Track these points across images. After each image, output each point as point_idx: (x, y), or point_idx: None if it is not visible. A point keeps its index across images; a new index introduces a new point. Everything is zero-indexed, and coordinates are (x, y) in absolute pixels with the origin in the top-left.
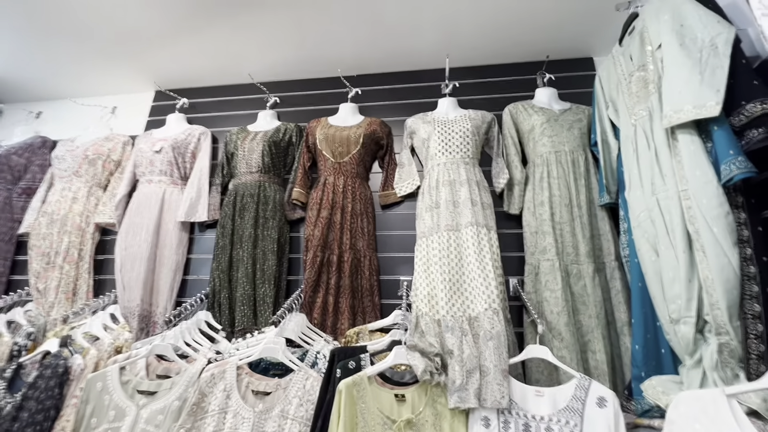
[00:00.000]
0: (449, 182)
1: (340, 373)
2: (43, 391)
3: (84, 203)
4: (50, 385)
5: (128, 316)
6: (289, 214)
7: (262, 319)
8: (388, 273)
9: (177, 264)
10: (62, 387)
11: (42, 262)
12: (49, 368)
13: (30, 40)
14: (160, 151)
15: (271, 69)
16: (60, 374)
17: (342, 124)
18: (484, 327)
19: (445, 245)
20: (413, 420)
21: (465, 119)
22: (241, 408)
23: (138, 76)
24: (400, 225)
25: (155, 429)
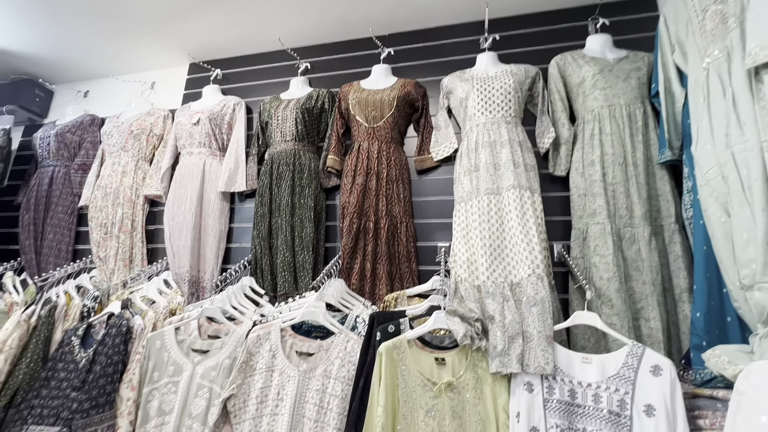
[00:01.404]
0: (489, 143)
1: (379, 336)
2: (110, 347)
3: (132, 176)
4: (116, 342)
5: (179, 281)
6: (324, 182)
7: (302, 284)
8: (425, 239)
9: (220, 232)
10: (126, 344)
11: (101, 232)
12: (114, 327)
13: (74, 21)
14: (198, 123)
15: (300, 33)
16: (124, 333)
17: (375, 88)
18: (527, 293)
19: (485, 210)
20: (454, 383)
21: (506, 75)
22: (286, 367)
23: (173, 49)
24: (437, 190)
25: (209, 383)
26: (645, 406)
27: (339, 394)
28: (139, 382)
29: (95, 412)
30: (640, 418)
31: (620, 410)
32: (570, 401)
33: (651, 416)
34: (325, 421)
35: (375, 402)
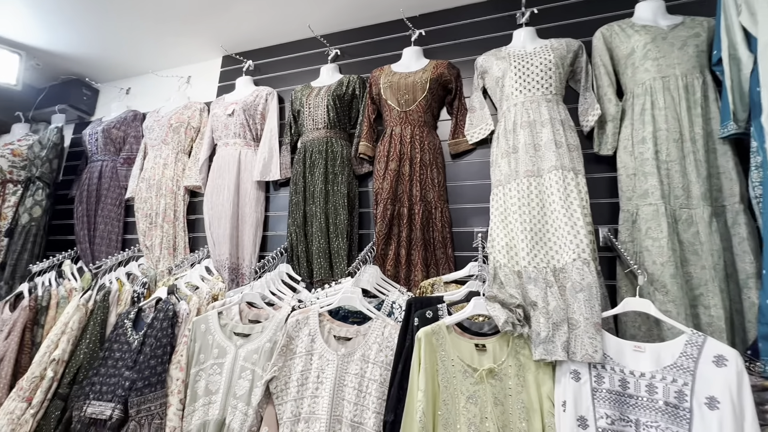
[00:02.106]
0: (529, 123)
1: (417, 321)
2: (159, 330)
3: (173, 168)
4: (164, 326)
5: (220, 268)
6: (356, 168)
7: (337, 270)
8: (460, 225)
9: (257, 221)
10: (173, 327)
11: (146, 222)
12: (162, 312)
13: (116, 21)
14: (233, 114)
15: (330, 19)
16: (170, 317)
17: (406, 71)
18: (572, 278)
19: (525, 193)
20: (495, 369)
21: (546, 50)
22: (325, 351)
23: (207, 43)
24: (473, 174)
25: (252, 366)
26: (707, 399)
27: (377, 378)
28: (186, 363)
29: (148, 390)
30: (701, 410)
31: (678, 402)
32: (621, 391)
33: (714, 409)
34: (364, 405)
35: (415, 387)
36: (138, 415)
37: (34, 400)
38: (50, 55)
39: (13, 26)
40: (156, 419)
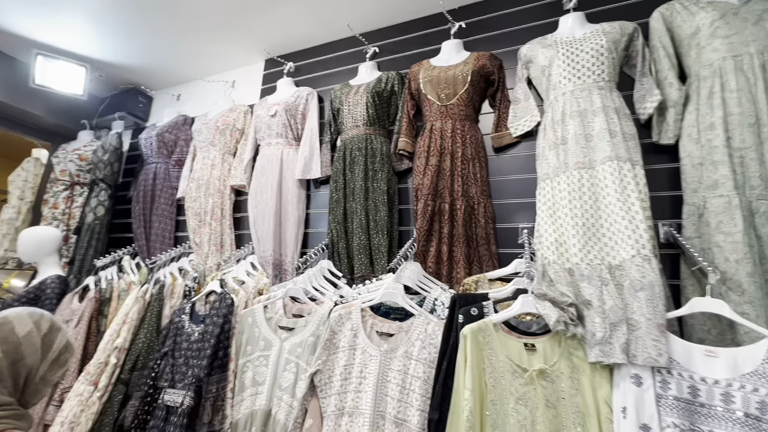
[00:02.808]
0: (579, 113)
1: (462, 319)
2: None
3: (220, 169)
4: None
5: (264, 264)
6: (396, 165)
7: (378, 267)
8: (505, 220)
9: (299, 218)
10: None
11: (196, 220)
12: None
13: (167, 32)
14: (275, 115)
15: (368, 17)
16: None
17: (446, 64)
18: (630, 276)
19: (575, 186)
20: (547, 371)
21: (597, 35)
22: (368, 346)
23: (250, 48)
24: (517, 168)
25: (296, 359)
26: None
27: (421, 375)
28: (235, 354)
29: (213, 374)
30: None
31: (761, 414)
32: (691, 399)
33: None
34: (408, 402)
35: (461, 385)
36: (206, 394)
37: (99, 383)
38: (111, 66)
39: (80, 42)
40: (218, 401)
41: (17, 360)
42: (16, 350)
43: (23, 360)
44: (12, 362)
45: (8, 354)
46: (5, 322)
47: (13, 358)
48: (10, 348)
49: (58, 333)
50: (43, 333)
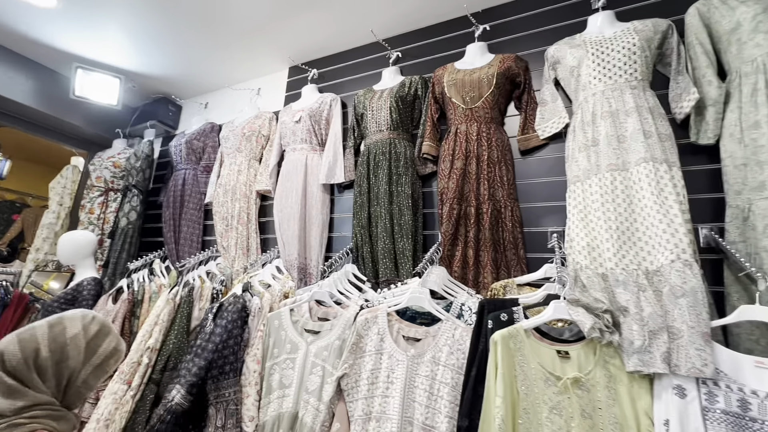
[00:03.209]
0: (610, 113)
1: (491, 324)
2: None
3: (246, 174)
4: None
5: (289, 268)
6: (420, 169)
7: (403, 271)
8: (533, 224)
9: (323, 222)
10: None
11: (223, 224)
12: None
13: (195, 43)
14: (300, 121)
15: (391, 22)
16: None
17: (470, 67)
18: (670, 282)
19: (608, 188)
20: (582, 379)
21: (629, 33)
22: (394, 351)
23: (274, 56)
24: (544, 171)
25: (322, 362)
26: None
27: (449, 382)
28: (262, 356)
29: (223, 378)
30: None
31: None
32: (741, 413)
33: None
34: (436, 408)
35: (492, 393)
36: (215, 400)
37: (132, 383)
38: (143, 77)
39: (116, 54)
40: (231, 405)
41: (61, 360)
42: (62, 351)
43: (67, 361)
44: (56, 362)
45: (54, 354)
46: (59, 323)
47: (58, 358)
48: (57, 348)
49: (106, 338)
50: (89, 337)
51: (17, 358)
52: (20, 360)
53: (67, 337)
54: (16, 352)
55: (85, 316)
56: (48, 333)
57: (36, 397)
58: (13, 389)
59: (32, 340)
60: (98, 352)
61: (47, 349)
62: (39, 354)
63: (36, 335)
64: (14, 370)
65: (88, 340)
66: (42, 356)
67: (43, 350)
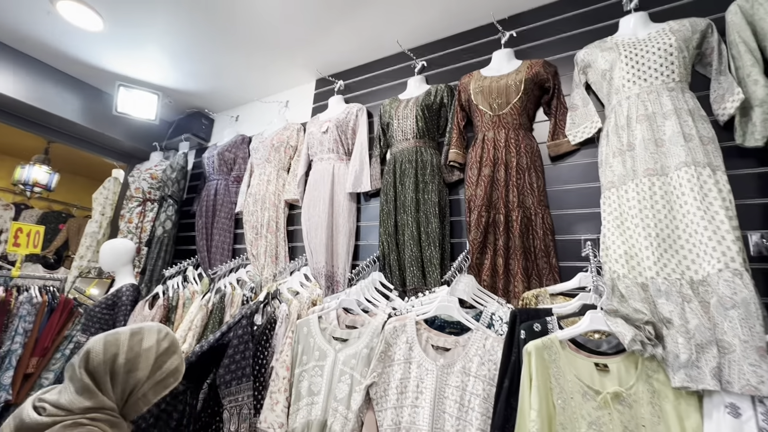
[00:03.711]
0: (647, 117)
1: (524, 334)
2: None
3: (275, 184)
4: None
5: (317, 275)
6: (447, 176)
7: (431, 279)
8: (565, 232)
9: (350, 231)
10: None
11: (253, 233)
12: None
13: (227, 58)
14: (327, 132)
15: (417, 32)
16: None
17: (497, 74)
18: (718, 292)
19: (646, 194)
20: (623, 394)
21: (664, 34)
22: (423, 360)
23: (302, 68)
24: (576, 177)
25: (350, 370)
26: None
27: (480, 393)
28: (291, 363)
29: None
30: None
31: None
32: None
33: None
34: (467, 420)
35: (527, 405)
36: (229, 405)
37: None
38: (178, 92)
39: (154, 72)
40: (244, 409)
41: (132, 370)
42: (135, 360)
43: (136, 372)
44: (128, 371)
45: (128, 362)
46: (138, 333)
47: (130, 367)
48: (131, 357)
49: (172, 356)
50: (159, 352)
51: (99, 358)
52: (101, 361)
53: (142, 348)
54: (100, 352)
55: (160, 331)
56: (128, 341)
57: (102, 401)
58: (87, 388)
59: (115, 344)
60: (163, 368)
61: (124, 356)
62: (116, 359)
63: (119, 341)
64: (94, 370)
65: (158, 355)
66: (118, 362)
67: (121, 356)
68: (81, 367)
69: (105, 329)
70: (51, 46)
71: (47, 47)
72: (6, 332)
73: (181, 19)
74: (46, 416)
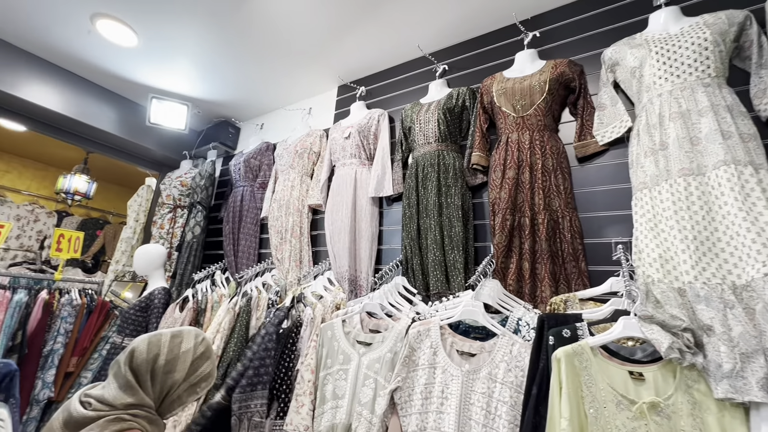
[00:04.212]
0: (680, 114)
1: (553, 340)
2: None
3: (299, 190)
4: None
5: (340, 280)
6: (470, 180)
7: (454, 284)
8: (594, 235)
9: (372, 235)
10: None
11: (277, 238)
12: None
13: (253, 68)
14: (349, 137)
15: (438, 36)
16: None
17: (520, 75)
18: (765, 298)
19: (682, 195)
20: (660, 405)
21: (698, 28)
22: (448, 365)
23: (324, 76)
24: (604, 178)
25: (374, 374)
26: None
27: (507, 400)
28: (316, 366)
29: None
30: None
31: None
32: None
33: None
34: (493, 428)
35: (557, 414)
36: (239, 410)
37: None
38: (207, 102)
39: (184, 84)
40: (256, 417)
41: (169, 371)
42: (173, 362)
43: (173, 373)
44: (166, 372)
45: (168, 363)
46: (179, 335)
47: (169, 368)
48: (171, 359)
49: (206, 361)
50: (195, 356)
51: (142, 357)
52: (144, 360)
53: (181, 350)
54: (144, 351)
55: (197, 336)
56: (169, 342)
57: (143, 398)
58: (130, 385)
59: (157, 344)
60: (197, 372)
61: (164, 357)
62: (157, 359)
63: (160, 341)
64: (137, 368)
65: (194, 359)
66: (159, 362)
67: (161, 357)
68: (126, 364)
69: (139, 330)
70: (90, 62)
71: (87, 64)
72: (49, 332)
73: (210, 33)
74: (91, 410)
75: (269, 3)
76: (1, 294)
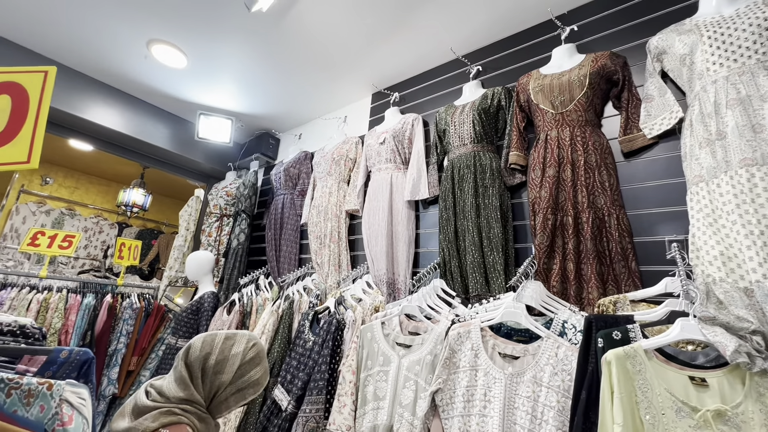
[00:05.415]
0: (739, 101)
1: (602, 343)
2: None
3: (336, 196)
4: (328, 338)
5: (378, 283)
6: (507, 180)
7: (494, 285)
8: (644, 233)
9: (409, 238)
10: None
11: (317, 243)
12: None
13: (292, 81)
14: (384, 142)
15: (471, 38)
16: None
17: (558, 71)
18: None
19: (745, 187)
20: (727, 413)
21: (757, 8)
22: (491, 368)
23: (359, 84)
24: (654, 173)
25: (414, 376)
26: None
27: (554, 405)
28: (357, 368)
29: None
30: None
31: None
32: None
33: None
34: None
35: (609, 419)
36: (303, 414)
37: None
38: (249, 116)
39: (228, 99)
40: (311, 422)
41: (218, 372)
42: (222, 363)
43: (221, 374)
44: (215, 372)
45: (217, 364)
46: (231, 337)
47: (217, 369)
48: (220, 359)
49: (256, 367)
50: (245, 360)
51: (196, 354)
52: (197, 357)
53: (231, 353)
54: (198, 349)
55: (249, 340)
56: (221, 343)
57: (193, 394)
58: (183, 379)
59: (210, 344)
60: (245, 377)
61: (215, 357)
62: (209, 358)
63: (214, 341)
64: (191, 364)
65: (242, 363)
66: (209, 362)
67: (212, 357)
68: (182, 358)
69: (191, 332)
70: (146, 84)
71: (143, 85)
72: (113, 333)
73: (252, 50)
74: (150, 401)
75: (306, 18)
76: (73, 298)
